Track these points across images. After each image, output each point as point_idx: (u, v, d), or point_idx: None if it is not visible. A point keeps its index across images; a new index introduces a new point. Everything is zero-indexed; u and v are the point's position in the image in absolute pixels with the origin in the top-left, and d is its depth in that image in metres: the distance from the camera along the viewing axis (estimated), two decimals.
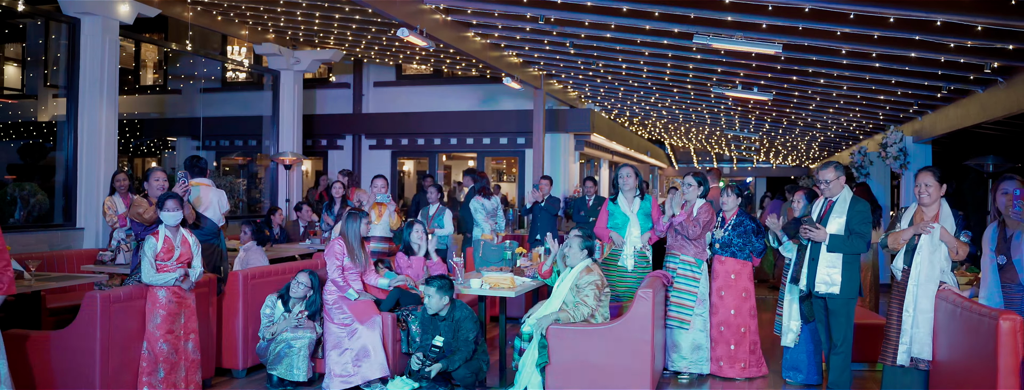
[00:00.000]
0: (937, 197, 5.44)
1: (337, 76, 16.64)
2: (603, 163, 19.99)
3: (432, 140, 15.87)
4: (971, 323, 4.65)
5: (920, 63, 7.07)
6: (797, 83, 9.12)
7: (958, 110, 8.64)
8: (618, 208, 7.09)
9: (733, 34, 6.91)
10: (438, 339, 5.99)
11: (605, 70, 10.72)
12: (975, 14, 5.33)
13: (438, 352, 5.99)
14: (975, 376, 4.49)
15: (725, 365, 6.76)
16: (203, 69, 16.43)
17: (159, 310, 5.57)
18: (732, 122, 15.34)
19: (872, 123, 11.90)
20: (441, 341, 5.98)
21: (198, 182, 7.28)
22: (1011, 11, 5.14)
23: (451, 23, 8.84)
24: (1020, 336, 4.19)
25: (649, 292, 5.85)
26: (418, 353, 6.05)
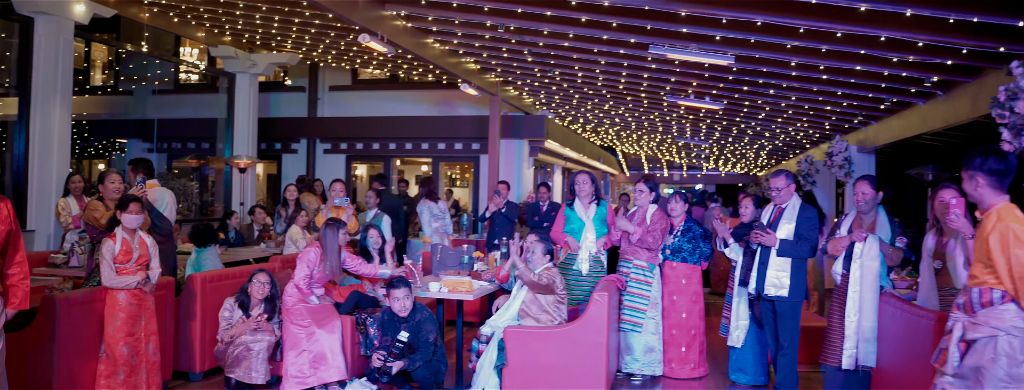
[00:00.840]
0: (874, 204, 5.72)
1: (292, 80, 16.59)
2: (557, 169, 20.17)
3: (387, 145, 15.91)
4: (910, 325, 4.88)
5: (865, 76, 7.33)
6: (748, 93, 9.36)
7: (900, 121, 8.95)
8: (574, 213, 7.23)
9: (688, 45, 7.10)
10: (403, 334, 6.05)
11: (561, 78, 10.88)
12: (917, 31, 5.58)
13: (402, 348, 6.05)
14: (915, 376, 4.71)
15: (676, 366, 6.95)
16: (157, 71, 16.26)
17: (119, 313, 5.56)
18: (684, 130, 15.62)
19: (819, 132, 12.23)
20: (406, 336, 6.04)
21: (151, 183, 7.27)
22: (950, 29, 5.40)
23: (411, 29, 8.93)
24: None
25: (604, 295, 6.00)
26: (380, 351, 6.10)
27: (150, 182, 7.21)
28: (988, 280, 3.69)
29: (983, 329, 3.68)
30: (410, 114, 15.71)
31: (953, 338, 3.79)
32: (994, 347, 3.63)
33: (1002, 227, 3.60)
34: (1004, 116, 5.07)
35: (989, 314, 3.67)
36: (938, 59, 6.18)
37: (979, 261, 3.75)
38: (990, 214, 3.71)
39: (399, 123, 15.60)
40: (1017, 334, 3.60)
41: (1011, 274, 3.56)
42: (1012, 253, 3.54)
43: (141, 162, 7.34)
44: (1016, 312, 3.60)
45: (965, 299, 3.81)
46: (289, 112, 16.42)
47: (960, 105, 6.99)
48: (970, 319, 3.75)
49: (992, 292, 3.67)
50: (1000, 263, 3.58)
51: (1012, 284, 3.57)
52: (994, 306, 3.66)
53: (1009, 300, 3.62)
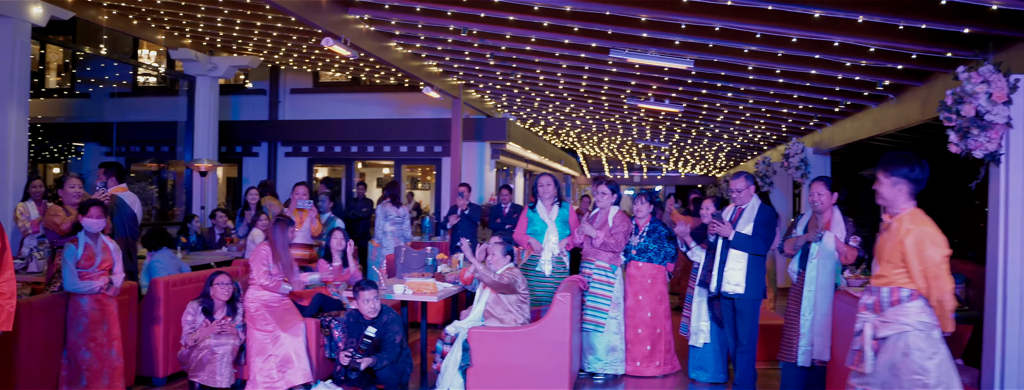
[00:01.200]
0: (829, 204, 5.90)
1: (253, 82, 16.49)
2: (518, 171, 20.26)
3: (349, 147, 15.87)
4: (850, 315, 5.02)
5: (820, 80, 7.51)
6: (706, 96, 9.52)
7: (854, 124, 9.16)
8: (537, 215, 7.32)
9: (648, 50, 7.22)
10: (371, 330, 6.07)
11: (523, 81, 10.97)
12: (868, 37, 5.75)
13: (369, 345, 6.07)
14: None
15: (642, 364, 7.06)
16: (115, 73, 16.06)
17: (82, 318, 5.54)
18: (644, 132, 15.80)
19: (775, 135, 12.45)
20: (373, 331, 6.07)
21: (119, 188, 7.24)
22: (900, 35, 5.57)
23: (374, 33, 8.95)
24: None
25: (567, 296, 6.09)
26: (348, 350, 6.11)
27: (119, 187, 7.20)
28: (898, 280, 3.93)
29: (893, 326, 3.93)
30: (372, 117, 15.69)
31: (865, 338, 4.03)
32: (905, 342, 3.88)
33: (918, 231, 3.85)
34: (951, 119, 5.25)
35: (897, 311, 3.92)
36: (889, 64, 6.36)
37: (888, 261, 3.99)
38: (902, 218, 3.95)
39: (361, 126, 15.57)
40: (923, 329, 3.86)
41: (925, 274, 3.84)
42: (926, 254, 3.82)
43: (112, 165, 7.31)
44: (922, 308, 3.88)
45: (874, 299, 4.05)
46: (250, 115, 16.31)
47: (910, 108, 7.19)
48: (879, 318, 3.99)
49: (901, 291, 3.92)
50: (914, 264, 3.85)
51: (925, 283, 3.86)
52: (902, 304, 3.91)
53: (916, 297, 3.89)
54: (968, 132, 5.15)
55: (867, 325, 4.04)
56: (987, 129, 5.10)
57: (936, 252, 3.83)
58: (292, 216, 8.46)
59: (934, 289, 3.84)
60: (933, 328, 3.88)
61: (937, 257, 3.83)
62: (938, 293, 3.85)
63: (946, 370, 3.86)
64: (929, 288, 3.86)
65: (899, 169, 3.94)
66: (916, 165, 3.94)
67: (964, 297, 7.25)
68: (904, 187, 3.94)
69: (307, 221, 8.50)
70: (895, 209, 4.00)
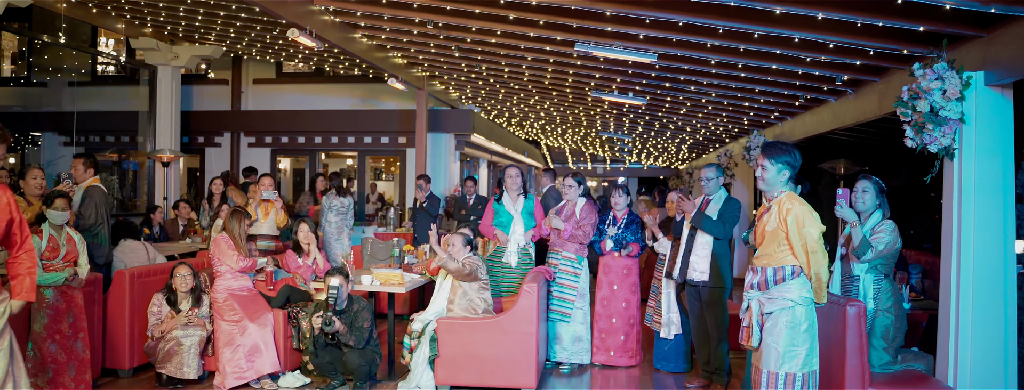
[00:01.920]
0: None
1: (215, 72, 16.33)
2: (483, 163, 20.31)
3: (313, 138, 15.79)
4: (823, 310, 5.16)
5: (780, 75, 7.65)
6: (670, 89, 9.64)
7: (814, 117, 9.33)
8: (502, 207, 7.39)
9: (612, 43, 7.31)
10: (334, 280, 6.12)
11: (488, 73, 11.01)
12: (827, 33, 5.88)
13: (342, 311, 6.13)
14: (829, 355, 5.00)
15: (616, 354, 7.18)
16: (74, 62, 15.82)
17: (46, 310, 5.51)
18: (607, 124, 15.93)
19: (737, 127, 12.63)
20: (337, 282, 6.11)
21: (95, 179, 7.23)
22: (858, 32, 5.71)
23: (339, 24, 8.94)
24: (863, 320, 4.74)
25: (533, 287, 6.18)
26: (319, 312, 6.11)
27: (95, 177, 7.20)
28: (782, 257, 4.35)
29: (778, 302, 4.34)
30: (336, 108, 15.62)
31: (752, 315, 4.45)
32: (787, 318, 4.31)
33: (797, 210, 4.30)
34: (907, 115, 5.40)
35: (781, 288, 4.34)
36: (847, 59, 6.50)
37: (772, 241, 4.39)
38: (781, 201, 4.38)
39: (324, 117, 15.50)
40: (804, 303, 4.31)
41: (805, 249, 4.28)
42: (805, 232, 4.26)
43: (91, 157, 7.32)
44: (803, 284, 4.32)
45: (760, 278, 4.44)
46: (212, 105, 16.14)
47: (868, 103, 7.35)
48: (765, 295, 4.39)
49: (784, 269, 4.35)
50: (796, 241, 4.28)
51: (806, 257, 4.29)
52: (786, 281, 4.33)
53: (798, 275, 4.32)
54: (923, 127, 5.30)
55: (754, 302, 4.42)
56: (941, 124, 5.26)
57: (814, 229, 4.26)
58: (258, 207, 8.46)
59: (813, 263, 4.28)
60: (811, 302, 4.34)
61: (815, 233, 4.26)
62: (816, 266, 4.29)
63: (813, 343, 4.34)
64: (809, 262, 4.29)
65: (783, 157, 4.39)
66: (796, 153, 4.43)
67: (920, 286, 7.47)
68: (787, 173, 4.41)
69: (272, 212, 8.49)
70: (774, 192, 4.44)
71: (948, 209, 5.52)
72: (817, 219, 4.30)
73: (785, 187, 4.43)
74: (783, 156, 4.39)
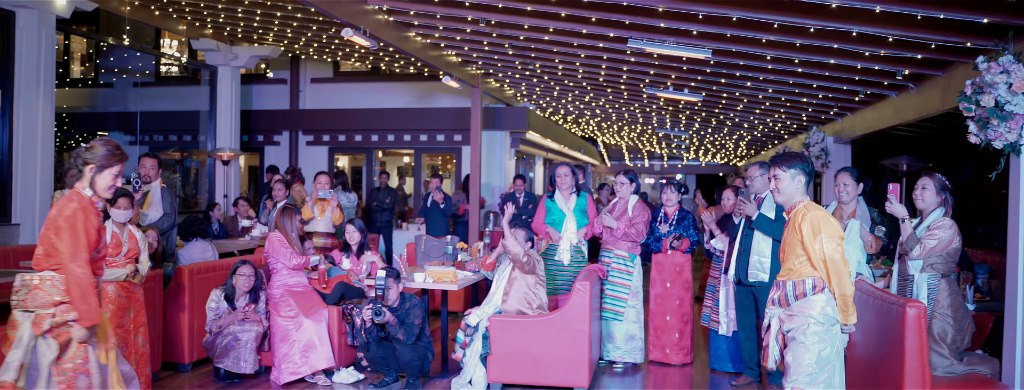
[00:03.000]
0: (854, 195, 5.89)
1: (274, 72, 16.60)
2: (538, 160, 20.30)
3: (369, 136, 15.95)
4: (881, 310, 5.04)
5: (839, 69, 7.49)
6: (725, 85, 9.51)
7: (875, 113, 9.13)
8: (555, 205, 7.37)
9: (665, 39, 7.23)
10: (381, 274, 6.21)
11: (542, 70, 10.99)
12: (886, 27, 5.73)
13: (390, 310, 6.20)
14: (886, 359, 4.88)
15: (671, 352, 7.13)
16: (138, 63, 16.22)
17: (108, 305, 5.64)
18: (664, 121, 15.78)
19: (796, 124, 12.41)
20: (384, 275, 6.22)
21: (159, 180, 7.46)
22: (918, 25, 5.56)
23: (393, 23, 9.01)
24: (923, 321, 4.60)
25: (586, 285, 6.15)
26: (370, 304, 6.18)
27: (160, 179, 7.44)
28: (802, 269, 4.08)
29: (798, 319, 4.06)
30: (392, 106, 15.76)
31: (771, 333, 4.20)
32: (806, 336, 4.03)
33: (812, 216, 4.06)
34: (971, 109, 5.24)
35: (803, 305, 4.06)
36: (908, 53, 6.34)
37: (791, 254, 4.14)
38: (798, 209, 4.18)
39: (381, 115, 15.64)
40: (825, 322, 4.02)
41: (823, 259, 4.00)
42: (821, 237, 4.01)
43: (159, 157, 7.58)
44: (827, 300, 4.04)
45: (780, 293, 4.18)
46: (271, 104, 16.43)
47: (931, 98, 7.16)
48: (786, 311, 4.13)
49: (805, 283, 4.08)
50: (813, 249, 4.02)
51: (824, 268, 4.01)
52: (808, 296, 4.06)
53: (820, 290, 4.04)
54: (988, 122, 5.13)
55: (774, 319, 4.20)
56: (1007, 119, 5.08)
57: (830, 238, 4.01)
58: (314, 205, 8.58)
59: (832, 272, 4.00)
60: (835, 323, 4.06)
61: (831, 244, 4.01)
62: (837, 277, 4.01)
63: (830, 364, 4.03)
64: (828, 275, 4.01)
65: (795, 164, 4.22)
66: (806, 159, 4.28)
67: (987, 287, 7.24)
68: (802, 179, 4.22)
69: (329, 210, 8.60)
70: (792, 201, 4.25)
71: (1014, 207, 5.34)
72: (836, 227, 4.08)
73: (803, 196, 4.26)
74: (794, 163, 4.25)
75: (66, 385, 3.91)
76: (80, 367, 3.96)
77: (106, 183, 4.07)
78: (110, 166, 4.05)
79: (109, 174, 4.06)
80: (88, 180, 4.07)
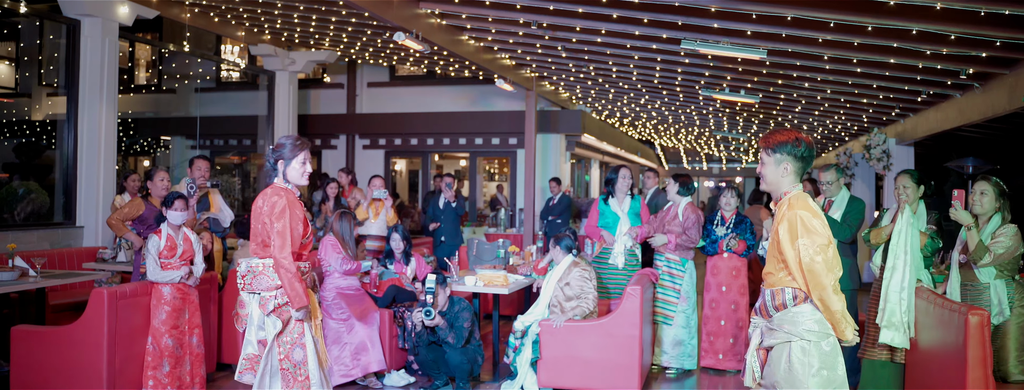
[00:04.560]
0: (915, 198, 5.69)
1: (331, 76, 16.79)
2: (594, 163, 20.19)
3: (425, 140, 16.04)
4: (943, 318, 4.88)
5: (899, 69, 7.29)
6: (783, 86, 9.34)
7: (938, 113, 8.88)
8: (609, 208, 7.29)
9: (719, 40, 7.13)
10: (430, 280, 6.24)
11: (596, 73, 10.92)
12: (948, 24, 5.56)
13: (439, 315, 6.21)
14: (947, 367, 4.72)
15: (725, 358, 7.01)
16: (198, 69, 16.56)
17: (164, 306, 5.75)
18: (721, 123, 15.58)
19: (856, 125, 12.14)
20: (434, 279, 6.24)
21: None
22: (982, 22, 5.37)
23: (445, 27, 9.03)
24: (987, 329, 4.43)
25: (637, 289, 6.07)
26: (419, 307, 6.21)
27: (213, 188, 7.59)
28: (783, 278, 3.49)
29: (779, 334, 3.46)
30: (447, 109, 15.82)
31: (751, 346, 3.64)
32: (788, 355, 3.41)
33: (791, 215, 3.40)
34: None
35: (784, 318, 3.45)
36: (972, 51, 6.15)
37: (773, 257, 3.54)
38: (783, 203, 3.52)
39: (436, 118, 15.72)
40: (811, 338, 3.39)
41: (800, 267, 3.37)
42: (800, 243, 3.35)
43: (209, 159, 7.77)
44: (810, 313, 3.41)
45: (760, 303, 3.61)
46: (328, 108, 16.63)
47: (997, 97, 6.93)
48: (767, 324, 3.55)
49: (784, 293, 3.47)
50: (790, 255, 3.40)
51: (802, 278, 3.39)
52: (788, 308, 3.45)
53: (802, 301, 3.43)
54: None
55: (756, 331, 3.61)
56: None
57: (811, 240, 3.34)
58: (368, 207, 8.65)
59: (812, 284, 3.35)
60: (824, 337, 3.39)
61: (812, 247, 3.33)
62: (817, 289, 3.35)
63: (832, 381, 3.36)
64: (807, 282, 3.37)
65: (782, 145, 3.49)
66: (800, 140, 3.50)
67: None
68: (789, 165, 3.49)
69: (383, 212, 8.66)
70: (779, 192, 3.57)
71: None
72: (820, 231, 3.36)
73: (791, 186, 3.52)
74: (782, 145, 3.49)
75: (284, 356, 4.47)
76: (297, 340, 4.49)
77: (297, 172, 4.48)
78: (295, 156, 4.45)
79: (297, 162, 4.47)
80: (281, 174, 4.50)
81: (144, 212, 6.96)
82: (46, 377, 5.61)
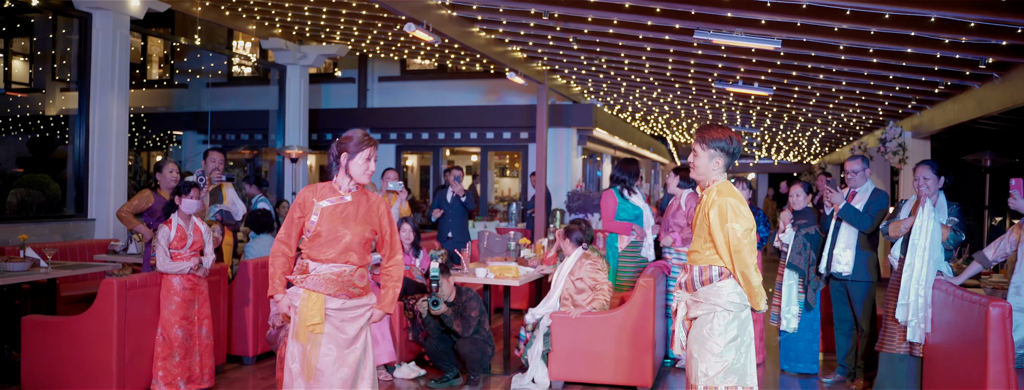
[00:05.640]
0: (935, 189, 5.59)
1: (342, 71, 16.77)
2: (606, 158, 20.10)
3: (436, 134, 15.99)
4: (962, 310, 4.79)
5: (916, 59, 7.18)
6: (797, 78, 9.24)
7: (955, 105, 8.76)
8: (629, 202, 7.16)
9: (733, 30, 7.03)
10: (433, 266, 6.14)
11: (608, 65, 10.84)
12: (967, 11, 5.46)
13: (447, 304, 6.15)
14: (967, 361, 4.63)
15: None
16: (210, 64, 16.56)
17: (174, 297, 5.72)
18: (734, 117, 15.46)
19: (871, 118, 12.02)
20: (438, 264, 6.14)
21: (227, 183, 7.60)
22: (1002, 9, 5.27)
23: (456, 18, 8.97)
24: (1008, 322, 4.34)
25: (649, 281, 6.01)
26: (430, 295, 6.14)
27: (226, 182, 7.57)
28: (709, 256, 3.88)
29: (704, 306, 3.89)
30: (458, 104, 15.77)
31: (678, 318, 4.05)
32: (710, 323, 3.86)
33: (721, 202, 3.81)
34: None
35: (709, 291, 3.88)
36: (992, 40, 6.04)
37: (700, 237, 3.94)
38: (710, 190, 3.92)
39: (448, 113, 15.67)
40: (732, 309, 3.84)
41: (728, 248, 3.80)
42: (729, 227, 3.78)
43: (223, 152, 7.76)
44: (732, 287, 3.85)
45: (686, 278, 4.01)
46: (339, 103, 16.61)
47: (1017, 88, 6.83)
48: (692, 297, 3.96)
49: (711, 269, 3.89)
50: (718, 237, 3.81)
51: (729, 257, 3.81)
52: (713, 283, 3.87)
53: (726, 277, 3.85)
54: None
55: (681, 304, 4.04)
56: None
57: (739, 225, 3.77)
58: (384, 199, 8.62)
59: (737, 263, 3.79)
60: (743, 308, 3.88)
61: (739, 230, 3.77)
62: (741, 267, 3.80)
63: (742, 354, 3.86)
64: (733, 262, 3.81)
65: (717, 141, 3.91)
66: (733, 138, 3.93)
67: None
68: (720, 160, 3.92)
69: (396, 204, 8.64)
70: (706, 181, 3.98)
71: None
72: (747, 214, 3.81)
73: (719, 175, 3.95)
74: (717, 140, 3.90)
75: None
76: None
77: (360, 168, 4.14)
78: (360, 150, 4.14)
79: (361, 158, 4.14)
80: (343, 169, 4.18)
81: (153, 204, 6.93)
82: (57, 367, 5.60)
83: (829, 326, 7.04)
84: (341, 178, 4.18)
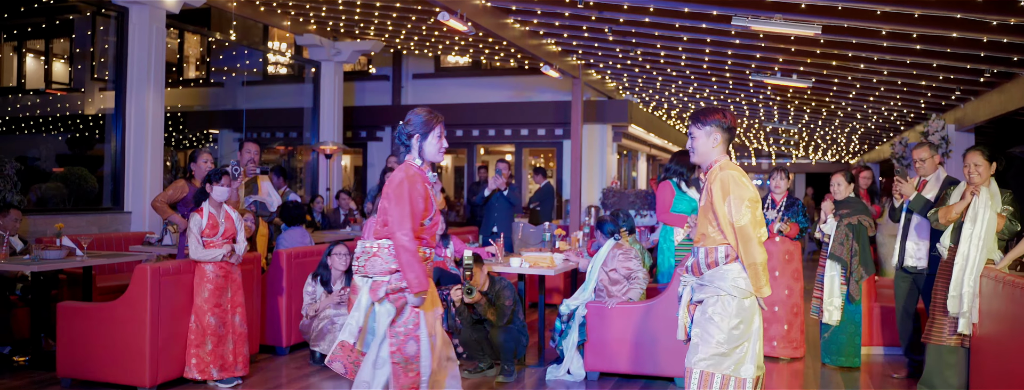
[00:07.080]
0: (987, 176, 5.39)
1: (377, 68, 16.80)
2: (641, 155, 19.94)
3: (470, 131, 15.95)
4: (1014, 298, 4.62)
5: (961, 44, 6.98)
6: (837, 69, 9.05)
7: (1001, 96, 8.53)
8: (686, 195, 7.00)
9: (772, 15, 6.89)
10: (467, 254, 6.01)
11: (643, 58, 10.71)
12: None
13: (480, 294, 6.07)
14: (1019, 351, 4.46)
15: (779, 345, 6.79)
16: (245, 62, 16.67)
17: (207, 284, 5.71)
18: (771, 112, 15.24)
19: (913, 112, 11.77)
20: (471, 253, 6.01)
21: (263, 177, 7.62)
22: None
23: (491, 9, 8.90)
24: None
25: None
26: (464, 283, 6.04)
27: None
28: (715, 237, 3.76)
29: (709, 289, 3.76)
30: (492, 100, 15.72)
31: (683, 302, 3.94)
32: (714, 307, 3.72)
33: (723, 175, 3.71)
34: None
35: (715, 274, 3.75)
36: None
37: (703, 219, 3.83)
38: (714, 169, 3.81)
39: (482, 110, 15.62)
40: (736, 294, 3.69)
41: (730, 221, 3.66)
42: (731, 198, 3.66)
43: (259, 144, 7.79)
44: (739, 272, 3.71)
45: (693, 261, 3.88)
46: (374, 100, 16.64)
47: None
48: (698, 281, 3.83)
49: (717, 251, 3.75)
50: (721, 212, 3.68)
51: (732, 231, 3.67)
52: (719, 266, 3.74)
53: (733, 260, 3.72)
54: None
55: (686, 289, 3.93)
56: None
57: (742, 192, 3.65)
58: None
59: (740, 237, 3.65)
60: (748, 294, 3.72)
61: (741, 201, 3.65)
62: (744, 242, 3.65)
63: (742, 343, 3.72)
64: (737, 241, 3.67)
65: (711, 118, 3.81)
66: (726, 113, 3.85)
67: None
68: (718, 136, 3.81)
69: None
70: (708, 161, 3.86)
71: None
72: (748, 188, 3.69)
73: (720, 155, 3.83)
74: (710, 118, 3.80)
75: (396, 348, 4.02)
76: (411, 332, 4.03)
77: (433, 147, 4.11)
78: (431, 129, 4.10)
79: (433, 137, 4.11)
80: (416, 150, 4.12)
81: (187, 194, 6.94)
82: (91, 353, 5.60)
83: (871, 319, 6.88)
84: (414, 160, 4.13)
